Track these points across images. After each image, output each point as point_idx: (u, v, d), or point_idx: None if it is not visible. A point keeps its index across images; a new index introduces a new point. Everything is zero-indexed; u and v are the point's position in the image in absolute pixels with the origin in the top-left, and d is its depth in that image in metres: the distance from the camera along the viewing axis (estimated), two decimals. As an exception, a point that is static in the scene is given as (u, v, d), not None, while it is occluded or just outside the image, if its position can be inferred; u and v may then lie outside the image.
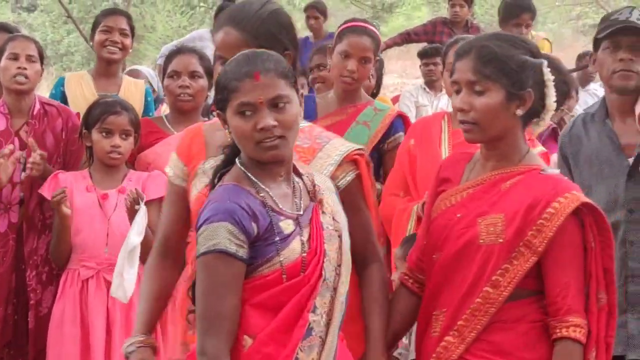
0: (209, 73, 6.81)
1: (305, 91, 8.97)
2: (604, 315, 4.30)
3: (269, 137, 3.88)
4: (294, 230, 4.02)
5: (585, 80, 14.53)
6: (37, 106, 6.85)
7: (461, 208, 4.57)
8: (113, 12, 7.91)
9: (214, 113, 5.68)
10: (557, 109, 7.18)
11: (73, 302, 6.46)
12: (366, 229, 4.57)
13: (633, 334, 5.54)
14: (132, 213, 6.34)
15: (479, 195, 4.57)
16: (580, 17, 38.43)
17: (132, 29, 7.75)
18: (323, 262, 4.13)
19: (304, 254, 4.09)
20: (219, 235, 3.83)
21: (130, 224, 6.35)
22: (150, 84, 8.67)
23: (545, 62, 4.36)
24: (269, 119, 3.89)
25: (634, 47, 5.56)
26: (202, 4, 39.94)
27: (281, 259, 4.00)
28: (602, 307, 4.27)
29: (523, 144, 4.56)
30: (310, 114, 6.74)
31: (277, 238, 3.92)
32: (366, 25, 7.19)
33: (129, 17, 7.84)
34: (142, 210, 6.33)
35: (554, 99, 4.44)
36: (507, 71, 4.30)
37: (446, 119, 6.47)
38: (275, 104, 3.99)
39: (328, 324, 4.07)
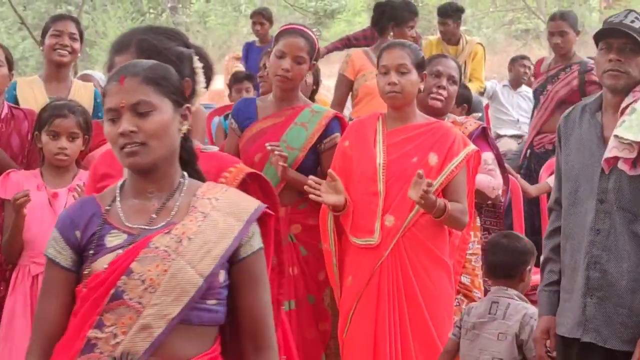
0: None
1: (251, 94, 9.09)
2: (275, 276, 4.39)
3: (129, 143, 3.67)
4: (120, 244, 3.74)
5: (517, 83, 14.67)
6: (5, 110, 6.91)
7: None
8: (62, 17, 7.94)
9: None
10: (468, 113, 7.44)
11: (24, 296, 6.51)
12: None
13: (589, 317, 5.62)
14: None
15: None
16: (512, 23, 38.60)
17: (81, 33, 7.78)
18: (118, 279, 3.79)
19: (105, 268, 3.81)
20: (49, 242, 3.75)
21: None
22: (102, 87, 8.75)
23: (194, 52, 4.45)
24: (126, 124, 3.69)
25: (624, 48, 5.69)
26: (151, 11, 39.89)
27: (87, 271, 3.78)
28: (273, 268, 4.30)
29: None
30: (251, 116, 7.01)
31: (92, 250, 3.71)
32: (301, 28, 7.29)
33: (77, 22, 7.86)
34: None
35: (203, 85, 4.50)
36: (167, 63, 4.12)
37: (381, 120, 6.52)
38: (137, 109, 3.77)
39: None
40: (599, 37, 5.89)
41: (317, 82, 7.79)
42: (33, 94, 7.44)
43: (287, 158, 6.59)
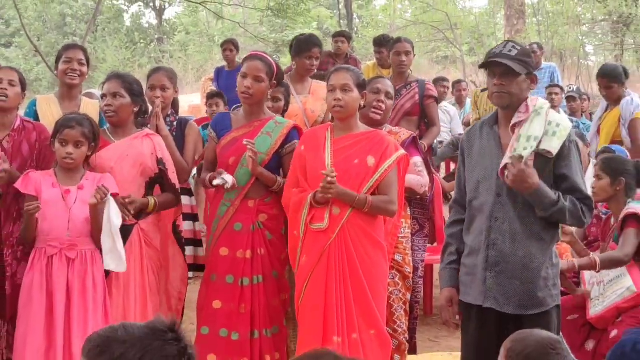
0: (133, 93, 6.92)
1: (221, 108, 9.15)
2: None
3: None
4: None
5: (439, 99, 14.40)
6: (18, 122, 6.91)
7: None
8: (72, 46, 7.90)
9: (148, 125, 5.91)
10: None
11: (40, 273, 6.50)
12: None
13: (489, 288, 5.71)
14: (98, 206, 6.43)
15: None
16: (434, 51, 39.04)
17: (87, 59, 7.77)
18: None
19: None
20: None
21: (91, 215, 6.50)
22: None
23: None
24: None
25: (504, 74, 5.73)
26: (142, 41, 39.66)
27: None
28: None
29: None
30: (227, 127, 7.07)
31: None
32: (261, 53, 7.36)
33: (84, 50, 7.83)
34: (111, 201, 6.44)
35: None
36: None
37: (330, 129, 6.57)
38: None
39: None
40: (485, 67, 6.02)
41: (287, 101, 7.82)
42: (50, 110, 7.46)
43: (257, 155, 6.63)
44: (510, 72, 5.72)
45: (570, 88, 15.77)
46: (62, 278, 6.49)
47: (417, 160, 7.37)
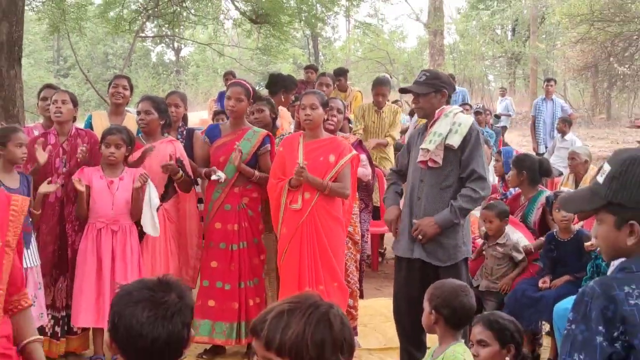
0: (160, 111, 6.92)
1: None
2: None
3: None
4: None
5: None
6: (73, 130, 6.91)
7: None
8: (120, 76, 7.91)
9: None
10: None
11: (92, 241, 6.52)
12: None
13: (416, 245, 5.80)
14: (140, 190, 6.53)
15: None
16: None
17: (131, 86, 7.79)
18: None
19: None
20: None
21: (133, 196, 6.58)
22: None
23: None
24: None
25: (415, 95, 5.95)
26: (164, 73, 39.36)
27: None
28: None
29: None
30: (217, 134, 7.11)
31: None
32: (240, 80, 7.44)
33: (128, 79, 7.85)
34: (151, 185, 6.57)
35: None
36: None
37: (302, 136, 6.59)
38: None
39: None
40: (402, 92, 6.69)
41: (274, 112, 7.82)
42: (101, 122, 7.45)
43: (242, 154, 6.69)
44: (419, 94, 5.89)
45: (477, 105, 15.76)
46: (108, 245, 6.55)
47: (363, 157, 7.43)
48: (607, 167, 2.59)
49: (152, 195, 6.64)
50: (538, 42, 31.43)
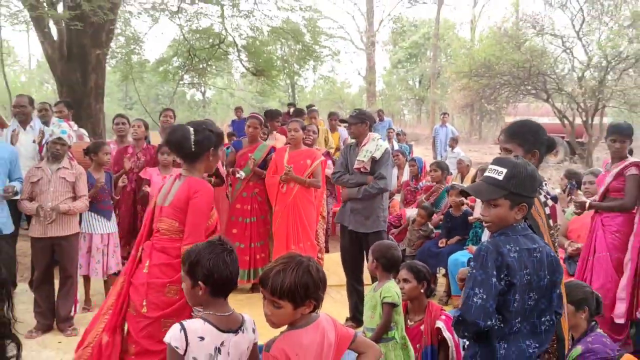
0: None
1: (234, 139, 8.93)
2: None
3: None
4: None
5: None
6: (144, 145, 6.86)
7: None
8: (168, 109, 7.86)
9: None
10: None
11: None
12: None
13: (350, 219, 5.74)
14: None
15: None
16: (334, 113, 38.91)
17: (174, 115, 7.75)
18: None
19: None
20: None
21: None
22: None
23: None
24: None
25: (349, 125, 5.89)
26: (194, 107, 38.98)
27: None
28: None
29: None
30: (239, 147, 7.01)
31: None
32: (255, 114, 7.35)
33: (173, 111, 7.81)
34: None
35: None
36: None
37: (288, 148, 6.52)
38: None
39: None
40: (342, 122, 6.62)
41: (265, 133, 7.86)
42: (158, 140, 7.42)
43: (255, 160, 6.68)
44: (351, 123, 5.76)
45: (399, 129, 15.75)
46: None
47: (329, 162, 7.49)
48: (501, 169, 2.61)
49: None
50: (435, 90, 31.58)
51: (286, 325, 2.36)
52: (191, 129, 3.54)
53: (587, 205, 5.00)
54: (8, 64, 21.78)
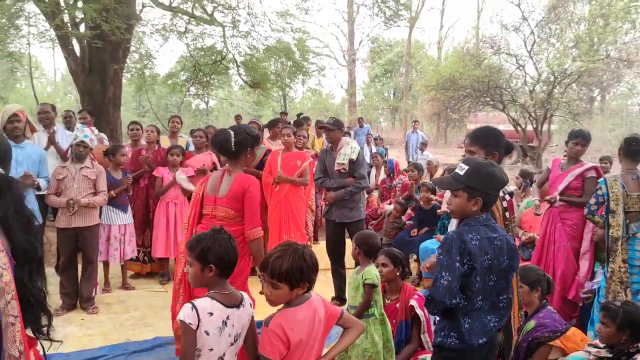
0: (206, 136, 6.81)
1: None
2: None
3: None
4: None
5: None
6: (155, 148, 6.79)
7: None
8: (176, 116, 7.65)
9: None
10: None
11: (164, 209, 6.41)
12: None
13: (335, 213, 5.69)
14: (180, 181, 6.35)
15: None
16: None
17: (181, 122, 7.64)
18: None
19: None
20: None
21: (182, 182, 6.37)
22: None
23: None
24: None
25: (326, 131, 5.78)
26: (199, 115, 38.69)
27: None
28: None
29: None
30: None
31: None
32: (254, 120, 7.36)
33: (180, 118, 7.67)
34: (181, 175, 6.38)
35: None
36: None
37: (281, 151, 6.42)
38: None
39: None
40: (321, 128, 6.21)
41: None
42: (167, 142, 7.28)
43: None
44: (330, 130, 5.71)
45: (377, 135, 15.71)
46: (172, 211, 6.41)
47: (316, 163, 7.32)
48: (465, 167, 2.62)
49: (184, 178, 6.39)
50: (407, 100, 31.64)
51: (283, 304, 2.38)
52: (232, 133, 3.71)
53: (557, 198, 4.98)
54: (36, 77, 21.59)
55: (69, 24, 9.97)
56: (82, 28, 10.32)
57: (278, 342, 2.26)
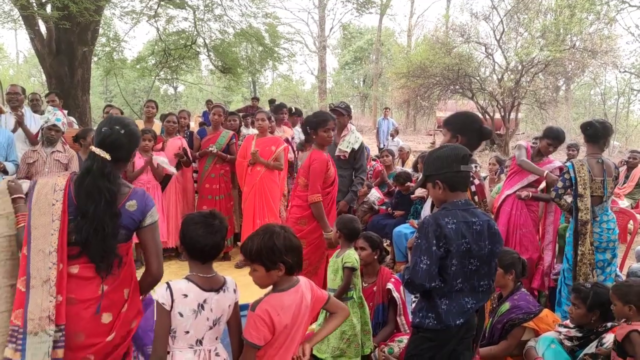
0: (177, 122, 6.76)
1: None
2: None
3: None
4: None
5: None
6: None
7: None
8: (151, 100, 7.39)
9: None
10: None
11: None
12: None
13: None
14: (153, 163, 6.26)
15: None
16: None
17: (157, 106, 7.43)
18: None
19: None
20: None
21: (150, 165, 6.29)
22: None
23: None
24: None
25: (337, 114, 5.54)
26: (167, 99, 38.03)
27: None
28: None
29: None
30: (204, 134, 6.89)
31: None
32: (220, 104, 7.23)
33: (156, 102, 7.44)
34: (161, 159, 6.31)
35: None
36: None
37: (256, 136, 6.39)
38: None
39: None
40: (333, 111, 5.67)
41: (240, 123, 7.67)
42: (139, 127, 7.11)
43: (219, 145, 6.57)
44: (339, 114, 5.58)
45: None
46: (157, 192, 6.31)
47: (290, 148, 7.28)
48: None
49: (165, 161, 6.35)
50: (378, 88, 31.73)
51: (271, 288, 2.38)
52: (307, 117, 4.53)
53: (530, 195, 5.07)
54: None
55: (34, 4, 9.66)
56: (48, 9, 10.02)
57: (264, 327, 2.26)
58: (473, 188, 3.10)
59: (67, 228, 2.28)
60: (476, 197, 3.11)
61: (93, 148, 2.41)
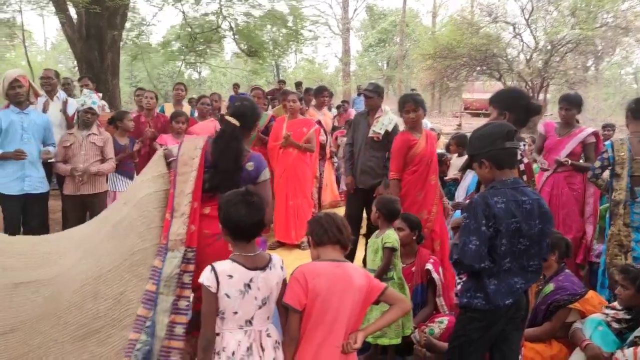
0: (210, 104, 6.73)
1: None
2: None
3: None
4: None
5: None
6: (155, 114, 6.62)
7: None
8: (180, 83, 7.42)
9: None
10: None
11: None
12: None
13: (357, 179, 5.42)
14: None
15: None
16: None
17: (186, 89, 7.39)
18: None
19: None
20: None
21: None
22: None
23: None
24: None
25: (366, 97, 5.38)
26: (192, 84, 38.21)
27: None
28: None
29: None
30: None
31: None
32: (257, 86, 7.30)
33: (185, 85, 7.44)
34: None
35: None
36: None
37: (287, 118, 6.37)
38: None
39: None
40: (359, 94, 5.78)
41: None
42: (170, 109, 7.07)
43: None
44: (367, 97, 5.38)
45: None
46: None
47: (322, 130, 7.21)
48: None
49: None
50: (403, 69, 31.42)
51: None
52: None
53: (570, 161, 4.93)
54: (27, 46, 21.04)
55: (65, -12, 9.74)
56: (78, -7, 10.09)
57: (298, 288, 2.31)
58: (522, 167, 3.01)
59: (202, 177, 2.83)
60: (524, 177, 3.03)
61: (227, 117, 3.00)
